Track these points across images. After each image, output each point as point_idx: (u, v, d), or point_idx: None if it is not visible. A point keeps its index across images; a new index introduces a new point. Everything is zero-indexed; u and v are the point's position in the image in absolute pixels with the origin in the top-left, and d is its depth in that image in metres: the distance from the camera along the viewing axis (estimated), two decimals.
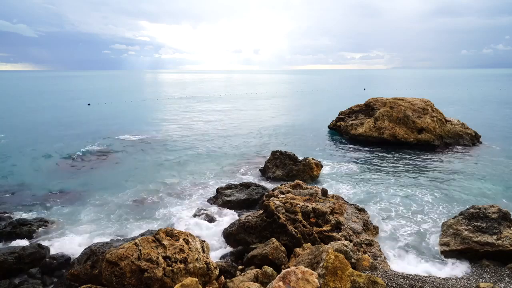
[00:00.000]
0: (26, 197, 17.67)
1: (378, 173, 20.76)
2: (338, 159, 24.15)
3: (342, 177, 20.18)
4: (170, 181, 19.96)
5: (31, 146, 28.83)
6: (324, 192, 14.23)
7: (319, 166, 20.43)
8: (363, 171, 21.28)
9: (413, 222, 14.30)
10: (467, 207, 13.22)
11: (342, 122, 33.38)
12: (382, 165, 22.51)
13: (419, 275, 9.77)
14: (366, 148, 27.12)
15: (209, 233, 13.87)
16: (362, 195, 17.47)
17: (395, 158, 24.20)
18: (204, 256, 8.93)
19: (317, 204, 12.82)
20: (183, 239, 9.01)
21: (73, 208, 16.33)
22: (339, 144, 28.91)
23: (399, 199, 16.75)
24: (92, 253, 10.01)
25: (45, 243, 12.60)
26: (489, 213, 12.13)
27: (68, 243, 12.80)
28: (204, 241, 9.92)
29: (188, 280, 7.35)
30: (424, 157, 24.34)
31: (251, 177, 20.62)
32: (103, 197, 17.58)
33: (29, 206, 16.51)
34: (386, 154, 25.16)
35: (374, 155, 25.12)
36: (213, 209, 15.86)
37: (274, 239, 10.85)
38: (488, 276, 10.18)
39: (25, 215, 15.31)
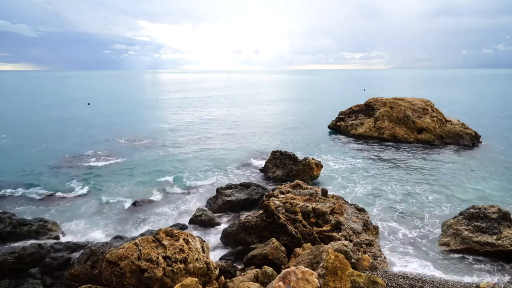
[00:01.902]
0: (26, 197, 17.67)
1: (378, 173, 20.76)
2: (338, 159, 24.14)
3: (342, 177, 20.18)
4: (170, 181, 19.96)
5: (32, 146, 28.84)
6: (324, 192, 14.22)
7: (319, 166, 20.43)
8: (363, 171, 21.28)
9: (413, 222, 14.30)
10: (467, 207, 13.22)
11: (342, 122, 33.39)
12: (382, 165, 22.51)
13: (419, 275, 9.77)
14: (366, 148, 27.11)
15: (209, 233, 13.89)
16: (362, 195, 17.47)
17: (395, 158, 24.19)
18: (204, 256, 8.92)
19: (317, 204, 12.82)
20: (183, 239, 9.00)
21: (73, 208, 16.33)
22: (339, 144, 28.90)
23: (399, 199, 16.76)
24: (92, 253, 10.00)
25: (45, 243, 12.59)
26: (489, 213, 12.13)
27: (68, 243, 12.79)
28: (204, 241, 9.91)
29: (188, 280, 7.34)
30: (424, 157, 24.33)
31: (251, 177, 20.62)
32: (103, 197, 17.58)
33: (29, 206, 16.51)
34: (386, 154, 25.16)
35: (374, 155, 25.11)
36: (213, 209, 15.85)
37: (274, 239, 10.84)
38: (488, 276, 10.19)
39: (25, 215, 15.31)
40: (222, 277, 9.22)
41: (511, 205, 15.51)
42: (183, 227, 14.12)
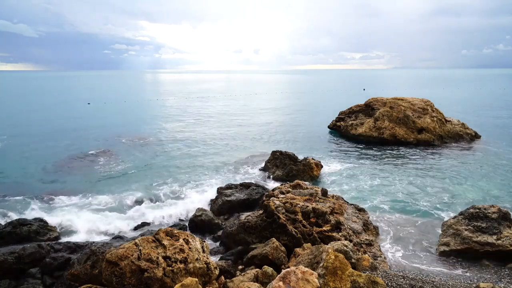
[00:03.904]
0: (26, 197, 17.66)
1: (378, 173, 20.76)
2: (338, 159, 24.15)
3: (342, 177, 20.18)
4: (170, 181, 19.97)
5: (32, 146, 28.83)
6: (324, 192, 14.22)
7: (319, 166, 20.43)
8: (363, 171, 21.28)
9: (413, 222, 14.30)
10: (467, 207, 13.21)
11: (342, 122, 33.37)
12: (382, 165, 22.51)
13: (419, 275, 9.76)
14: (366, 148, 27.12)
15: (209, 233, 13.89)
16: (362, 195, 17.47)
17: (395, 158, 24.20)
18: (204, 256, 8.92)
19: (317, 204, 12.81)
20: (183, 239, 9.00)
21: (73, 208, 16.33)
22: (339, 144, 28.91)
23: (399, 199, 16.76)
24: (92, 253, 10.00)
25: (45, 243, 12.59)
26: (489, 213, 12.12)
27: (68, 243, 12.79)
28: (204, 241, 9.90)
29: (188, 280, 7.34)
30: (424, 157, 24.34)
31: (251, 177, 20.61)
32: (103, 197, 17.58)
33: (29, 206, 16.51)
34: (386, 154, 25.16)
35: (374, 155, 25.12)
36: (213, 209, 15.85)
37: (274, 239, 10.84)
38: (488, 276, 10.18)
39: (25, 215, 15.31)
40: (222, 277, 9.22)
41: (511, 205, 15.52)
42: (183, 227, 14.13)
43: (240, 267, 10.65)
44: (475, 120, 38.11)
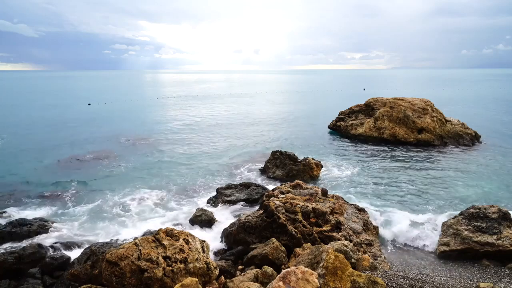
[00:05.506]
0: (26, 197, 17.67)
1: (378, 173, 20.76)
2: (338, 159, 24.14)
3: (342, 177, 20.18)
4: (170, 181, 19.96)
5: (31, 146, 28.83)
6: (324, 192, 14.22)
7: (319, 166, 20.44)
8: (363, 171, 21.28)
9: (413, 222, 14.28)
10: (467, 207, 13.22)
11: (342, 122, 33.37)
12: (382, 165, 22.51)
13: (419, 275, 9.76)
14: (366, 148, 27.12)
15: (209, 233, 13.89)
16: (362, 194, 17.47)
17: (395, 158, 24.20)
18: (204, 256, 8.92)
19: (317, 204, 12.81)
20: (183, 239, 9.00)
21: (73, 208, 16.34)
22: (339, 144, 28.90)
23: (399, 199, 16.76)
24: (92, 253, 10.01)
25: (45, 243, 12.60)
26: (489, 213, 12.13)
27: (68, 243, 12.80)
28: (204, 241, 9.91)
29: (188, 280, 7.34)
30: (424, 157, 24.34)
31: (251, 177, 20.61)
32: (103, 197, 17.59)
33: (29, 206, 16.52)
34: (386, 154, 25.16)
35: (374, 155, 25.12)
36: (213, 209, 15.85)
37: (274, 239, 10.84)
38: (488, 276, 10.18)
39: (25, 215, 15.31)
40: (222, 277, 9.22)
41: (511, 205, 15.52)
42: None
43: (240, 267, 10.65)
44: (475, 120, 38.11)
